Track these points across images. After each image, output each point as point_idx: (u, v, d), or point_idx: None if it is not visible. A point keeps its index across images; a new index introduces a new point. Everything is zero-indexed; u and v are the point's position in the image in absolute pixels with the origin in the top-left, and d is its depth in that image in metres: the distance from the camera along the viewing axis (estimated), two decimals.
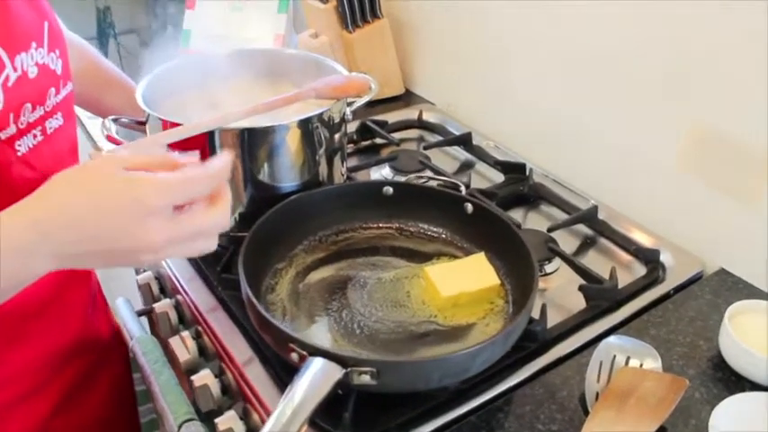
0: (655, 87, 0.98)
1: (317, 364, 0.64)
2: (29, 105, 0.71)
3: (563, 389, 0.76)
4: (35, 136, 0.73)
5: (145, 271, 1.07)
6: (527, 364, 0.79)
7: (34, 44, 0.71)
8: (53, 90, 0.75)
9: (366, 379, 0.65)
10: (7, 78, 0.67)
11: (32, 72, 0.71)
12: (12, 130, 0.69)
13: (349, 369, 0.64)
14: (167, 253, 0.59)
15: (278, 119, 0.86)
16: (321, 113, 0.87)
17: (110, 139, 0.88)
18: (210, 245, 0.62)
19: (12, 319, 0.75)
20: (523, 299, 0.75)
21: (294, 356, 0.67)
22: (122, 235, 0.56)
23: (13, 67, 0.68)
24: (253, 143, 0.85)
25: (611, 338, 0.78)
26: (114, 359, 0.98)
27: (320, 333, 0.77)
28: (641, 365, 0.75)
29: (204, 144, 0.83)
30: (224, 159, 0.61)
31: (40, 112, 0.73)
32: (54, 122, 0.76)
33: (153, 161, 0.59)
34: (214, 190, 0.60)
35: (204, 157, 0.83)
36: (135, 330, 1.00)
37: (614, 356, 0.76)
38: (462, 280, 0.80)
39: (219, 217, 0.60)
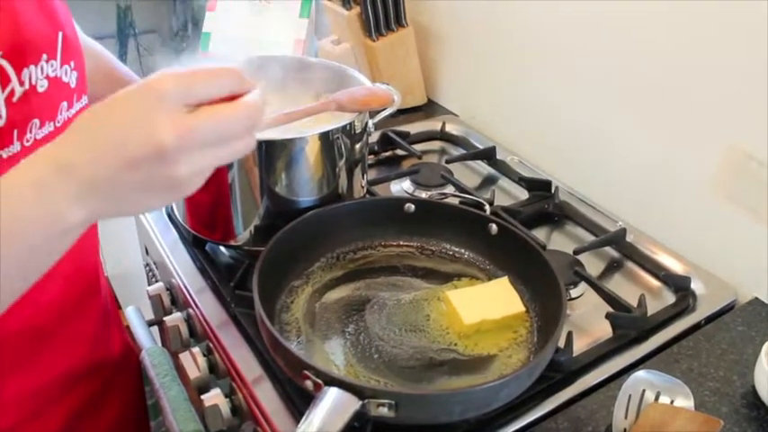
0: (691, 106, 0.95)
1: (332, 393, 0.61)
2: (36, 121, 0.66)
3: (588, 423, 0.73)
4: None
5: (157, 281, 1.04)
6: (551, 396, 0.75)
7: (45, 56, 0.67)
8: (65, 104, 0.71)
9: (384, 411, 0.62)
10: (12, 93, 0.63)
11: (42, 86, 0.67)
12: (15, 147, 0.64)
13: (366, 400, 0.61)
14: (191, 153, 0.50)
15: (297, 130, 0.83)
16: (343, 126, 0.84)
17: None
18: (243, 145, 0.54)
19: (18, 341, 0.72)
20: (549, 328, 0.72)
21: (309, 384, 0.64)
22: (133, 127, 0.48)
23: (19, 81, 0.63)
24: (271, 155, 0.82)
25: (641, 372, 0.74)
26: (126, 374, 0.96)
27: (336, 357, 0.74)
28: (672, 403, 0.71)
29: None
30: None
31: (49, 128, 0.69)
32: None
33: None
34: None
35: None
36: (145, 341, 0.98)
37: (643, 391, 0.72)
38: (486, 306, 0.77)
39: (246, 108, 0.52)
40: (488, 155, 1.21)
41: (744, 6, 0.84)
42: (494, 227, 0.86)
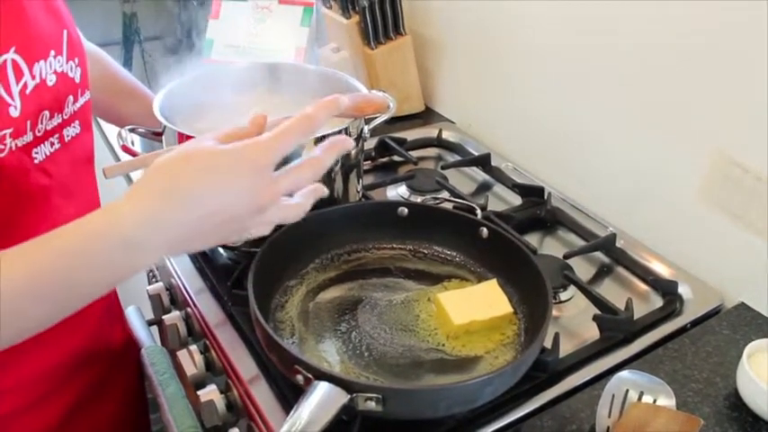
0: (680, 114, 0.97)
1: (322, 387, 0.63)
2: (47, 113, 0.71)
3: (573, 422, 0.75)
4: (52, 144, 0.73)
5: (157, 281, 1.07)
6: (537, 395, 0.77)
7: (53, 52, 0.72)
8: (71, 98, 0.76)
9: (371, 405, 0.64)
10: (25, 86, 0.67)
11: (51, 80, 0.71)
12: (29, 137, 0.69)
13: (354, 394, 0.63)
14: (271, 216, 0.62)
15: None
16: (338, 131, 0.87)
17: (125, 149, 0.87)
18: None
19: None
20: (536, 329, 0.74)
21: (299, 378, 0.66)
22: (241, 199, 0.59)
23: (31, 75, 0.68)
24: None
25: (625, 373, 0.76)
26: (127, 366, 0.98)
27: (328, 354, 0.76)
28: (654, 402, 0.73)
29: None
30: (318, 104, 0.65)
31: (57, 119, 0.73)
32: (71, 131, 0.77)
33: (239, 132, 0.64)
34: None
35: None
36: (145, 339, 1.00)
37: (627, 391, 0.74)
38: (475, 308, 0.79)
39: (312, 171, 0.65)
40: (483, 161, 1.23)
41: (732, 13, 0.86)
42: (484, 231, 0.88)
